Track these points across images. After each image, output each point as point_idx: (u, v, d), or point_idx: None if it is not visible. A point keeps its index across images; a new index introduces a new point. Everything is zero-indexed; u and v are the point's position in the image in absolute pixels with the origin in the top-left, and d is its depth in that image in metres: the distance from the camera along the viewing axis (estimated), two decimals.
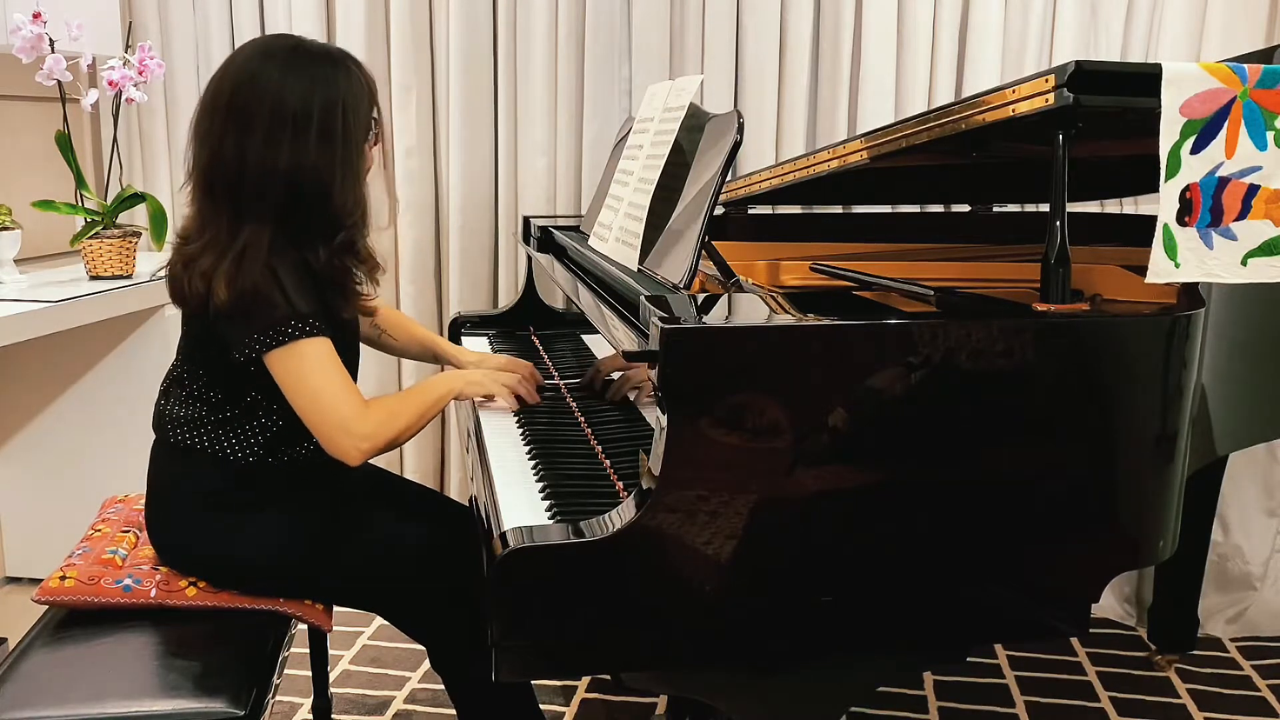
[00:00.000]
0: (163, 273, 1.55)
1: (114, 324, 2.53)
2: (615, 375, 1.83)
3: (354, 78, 1.50)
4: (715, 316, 1.25)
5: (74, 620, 1.51)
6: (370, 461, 1.98)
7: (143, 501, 1.64)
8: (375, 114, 1.55)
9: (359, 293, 1.57)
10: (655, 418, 1.18)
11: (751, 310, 1.35)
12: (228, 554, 1.54)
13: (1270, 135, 1.26)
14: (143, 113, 2.78)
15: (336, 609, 1.67)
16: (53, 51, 2.26)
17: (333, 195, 1.46)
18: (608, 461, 1.48)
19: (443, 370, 1.99)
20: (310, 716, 2.07)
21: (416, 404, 1.58)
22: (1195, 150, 1.25)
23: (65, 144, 2.33)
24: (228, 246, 1.43)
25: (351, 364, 1.64)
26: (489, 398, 1.73)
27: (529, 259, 2.43)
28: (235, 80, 1.46)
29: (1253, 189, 1.27)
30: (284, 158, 1.43)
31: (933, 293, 1.44)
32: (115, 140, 2.50)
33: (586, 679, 2.31)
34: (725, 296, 1.43)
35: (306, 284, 1.46)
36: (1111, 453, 1.25)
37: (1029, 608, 1.27)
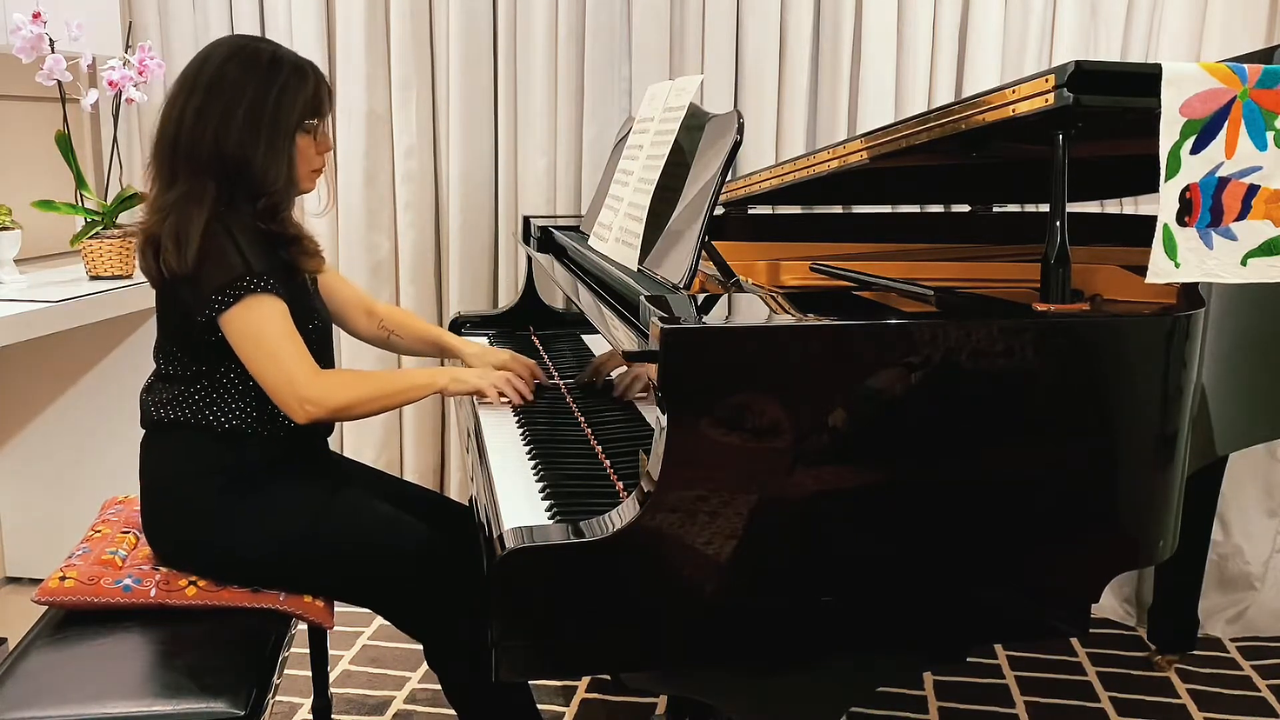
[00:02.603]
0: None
1: (114, 324, 2.53)
2: (614, 373, 1.83)
3: (302, 74, 1.59)
4: (715, 316, 1.25)
5: (74, 620, 1.52)
6: (368, 463, 1.99)
7: None
8: (318, 118, 1.62)
9: (311, 250, 1.63)
10: (655, 418, 1.18)
11: (751, 310, 1.35)
12: (225, 543, 1.55)
13: (1270, 135, 1.26)
14: (143, 113, 2.77)
15: (337, 609, 1.67)
16: (53, 51, 2.25)
17: (253, 166, 1.54)
18: (608, 461, 1.48)
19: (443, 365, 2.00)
20: (310, 716, 2.07)
21: (378, 384, 1.62)
22: (1195, 150, 1.25)
23: (65, 144, 2.33)
24: (166, 204, 1.53)
25: (325, 350, 1.67)
26: (478, 394, 1.73)
27: (529, 259, 2.43)
28: (189, 68, 1.58)
29: (1253, 189, 1.27)
30: (212, 122, 1.52)
31: (933, 293, 1.44)
32: (115, 140, 2.50)
33: (586, 679, 2.31)
34: (725, 296, 1.43)
35: (260, 243, 1.53)
36: (1112, 453, 1.25)
37: (1029, 608, 1.27)
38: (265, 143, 1.55)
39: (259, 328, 1.50)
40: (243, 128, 1.53)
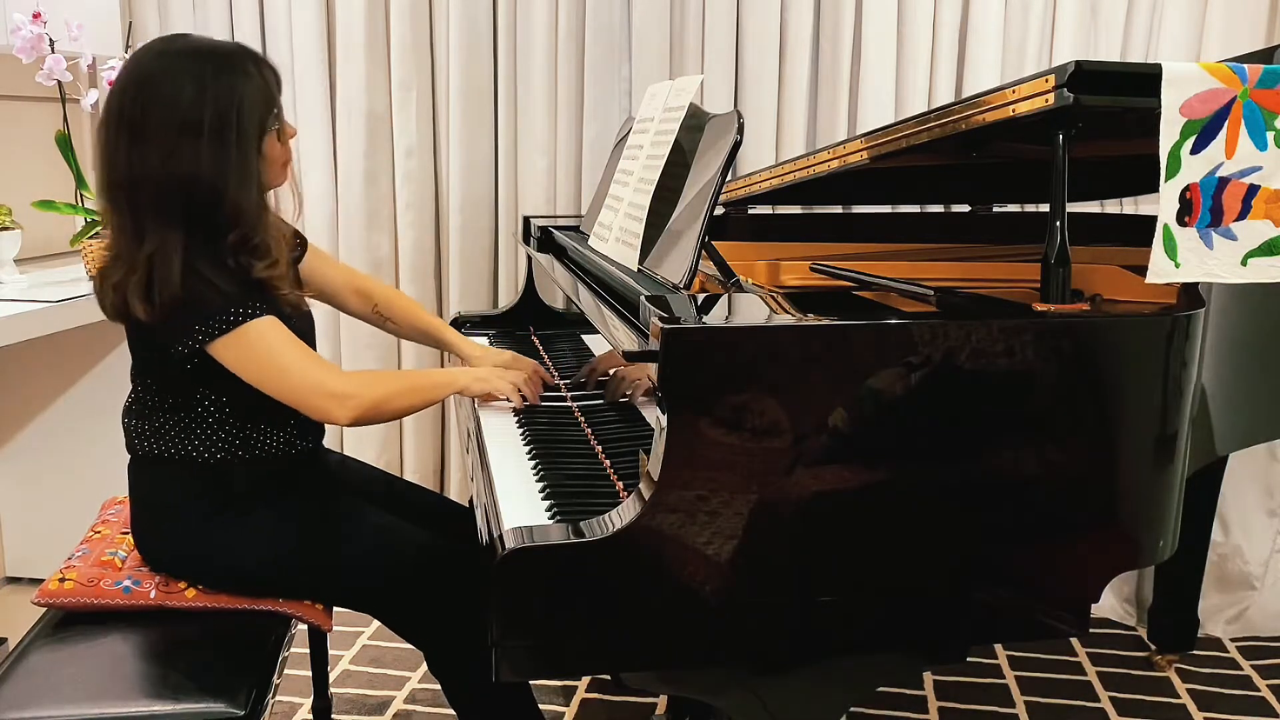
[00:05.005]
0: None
1: (114, 324, 2.53)
2: (610, 373, 1.83)
3: (250, 78, 1.46)
4: (715, 316, 1.25)
5: (74, 621, 1.51)
6: (368, 462, 1.98)
7: None
8: (277, 109, 1.51)
9: (279, 286, 1.52)
10: (655, 418, 1.18)
11: (751, 310, 1.35)
12: (221, 563, 1.53)
13: (1270, 135, 1.26)
14: None
15: (336, 609, 1.66)
16: (53, 51, 2.26)
17: (225, 199, 1.43)
18: (608, 461, 1.48)
19: (445, 359, 1.99)
20: (310, 716, 2.07)
21: (408, 380, 1.59)
22: (1195, 150, 1.25)
23: (65, 144, 2.33)
24: (134, 259, 1.42)
25: (308, 341, 1.61)
26: (494, 394, 1.72)
27: (529, 259, 2.43)
28: (126, 89, 1.44)
29: (1253, 189, 1.27)
30: (177, 166, 1.41)
31: (933, 293, 1.44)
32: None
33: (586, 679, 2.31)
34: (725, 296, 1.42)
35: (233, 278, 1.45)
36: (1112, 453, 1.25)
37: (1029, 608, 1.27)
38: (236, 171, 1.44)
39: (263, 349, 1.45)
40: (210, 160, 1.42)
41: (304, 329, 1.61)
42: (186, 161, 1.41)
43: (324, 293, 1.86)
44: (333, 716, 2.02)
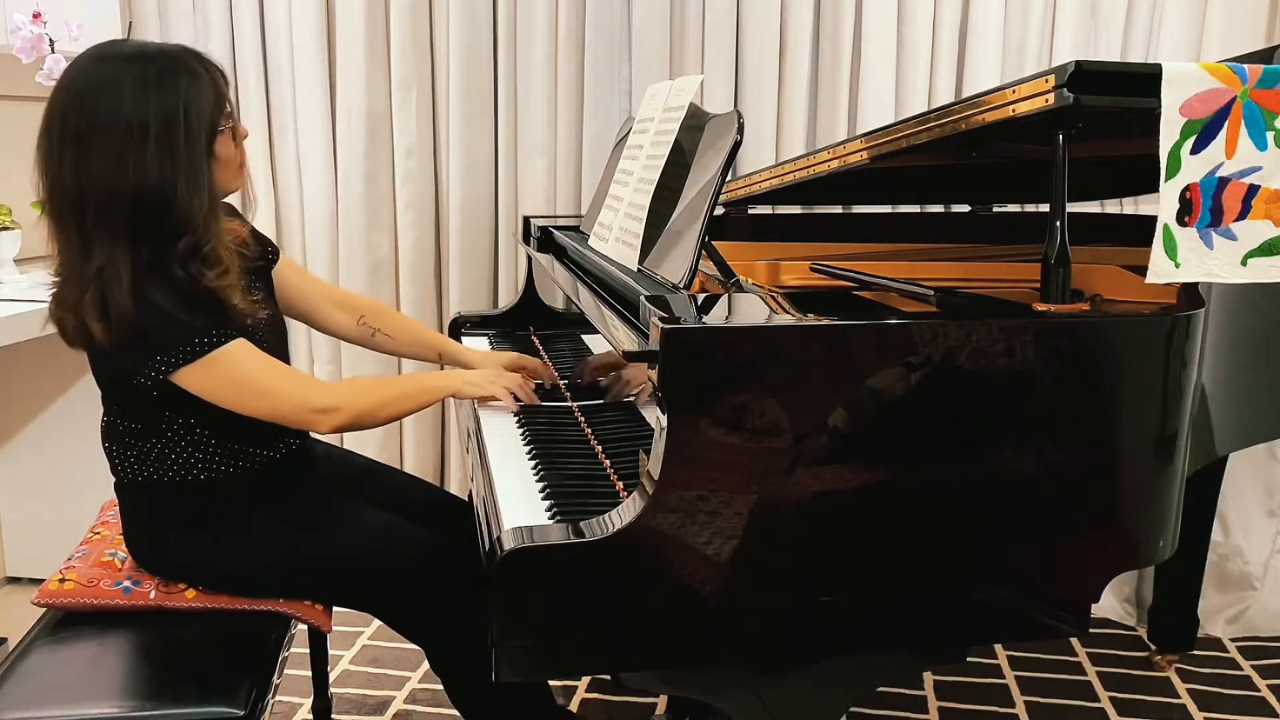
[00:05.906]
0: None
1: None
2: (611, 375, 1.83)
3: (196, 77, 1.41)
4: (715, 316, 1.25)
5: (73, 621, 1.52)
6: (369, 456, 1.98)
7: None
8: (228, 109, 1.47)
9: (233, 299, 1.44)
10: (655, 418, 1.18)
11: (751, 310, 1.35)
12: (219, 567, 1.53)
13: (1270, 135, 1.26)
14: None
15: (336, 609, 1.66)
16: (53, 51, 2.26)
17: (175, 205, 1.38)
18: (608, 461, 1.48)
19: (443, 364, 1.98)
20: (310, 716, 2.07)
21: (397, 387, 1.57)
22: (1195, 150, 1.25)
23: None
24: (84, 276, 1.37)
25: (280, 349, 1.59)
26: (489, 398, 1.73)
27: (529, 259, 2.43)
28: (67, 99, 1.39)
29: (1253, 189, 1.27)
30: (123, 174, 1.36)
31: (933, 293, 1.44)
32: None
33: (586, 679, 2.31)
34: (725, 296, 1.42)
35: (189, 300, 1.40)
36: (1112, 453, 1.25)
37: (1029, 608, 1.27)
38: (185, 175, 1.38)
39: (239, 375, 1.41)
40: (158, 166, 1.36)
41: (275, 335, 1.59)
42: (133, 169, 1.36)
43: (301, 308, 1.80)
44: (333, 716, 2.02)
